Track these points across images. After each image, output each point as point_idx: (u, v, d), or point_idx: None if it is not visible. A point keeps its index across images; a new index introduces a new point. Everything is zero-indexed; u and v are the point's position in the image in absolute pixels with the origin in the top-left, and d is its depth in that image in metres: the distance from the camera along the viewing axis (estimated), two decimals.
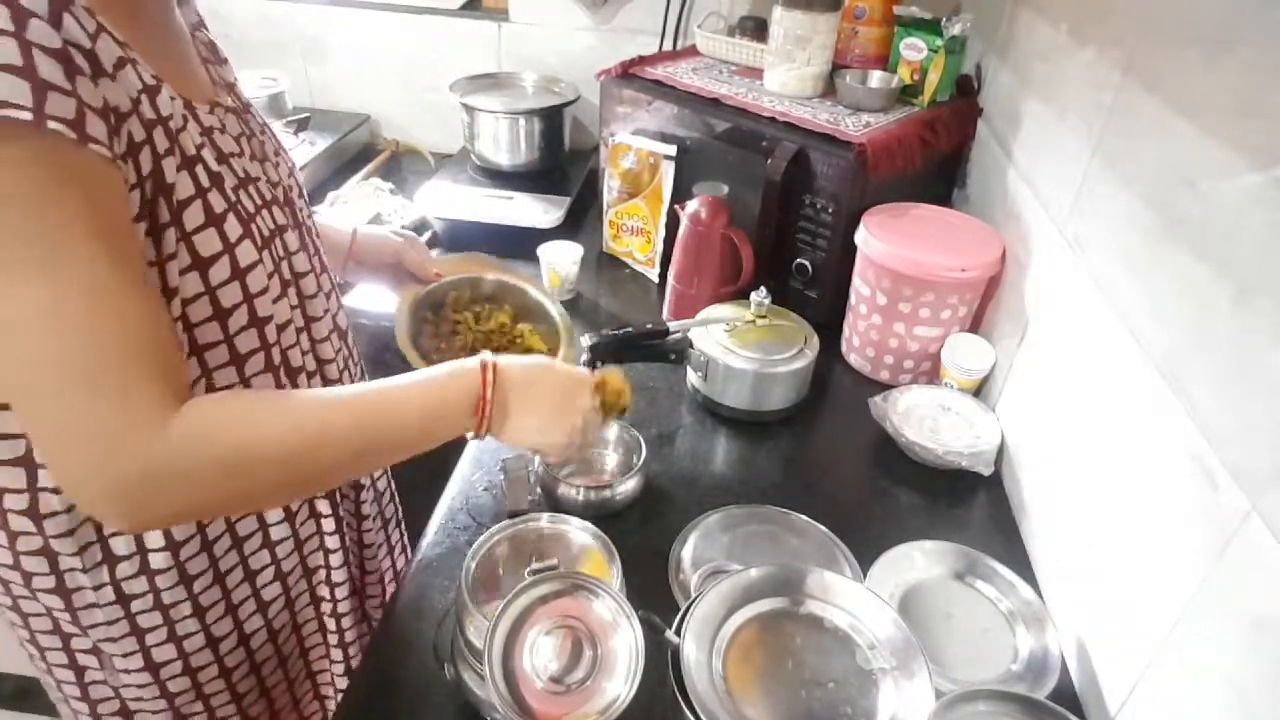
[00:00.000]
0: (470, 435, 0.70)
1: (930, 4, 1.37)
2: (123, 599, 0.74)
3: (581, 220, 1.66)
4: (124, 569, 0.73)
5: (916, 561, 0.90)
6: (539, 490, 0.98)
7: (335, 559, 0.88)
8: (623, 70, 1.47)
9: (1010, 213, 1.19)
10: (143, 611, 0.75)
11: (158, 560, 0.73)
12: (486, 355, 0.70)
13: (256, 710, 0.89)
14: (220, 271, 0.65)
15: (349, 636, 0.93)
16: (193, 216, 0.62)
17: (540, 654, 0.65)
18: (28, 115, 0.49)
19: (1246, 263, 0.63)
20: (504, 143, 1.69)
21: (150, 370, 0.56)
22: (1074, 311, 0.93)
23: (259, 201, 0.71)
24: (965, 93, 1.42)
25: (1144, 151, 0.82)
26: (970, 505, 1.04)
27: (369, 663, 0.82)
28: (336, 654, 0.94)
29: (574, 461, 1.01)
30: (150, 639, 0.77)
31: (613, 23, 1.79)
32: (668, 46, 1.75)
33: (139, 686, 0.79)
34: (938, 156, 1.36)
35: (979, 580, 0.89)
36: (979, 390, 1.17)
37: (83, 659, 0.78)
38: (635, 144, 1.42)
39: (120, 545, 0.72)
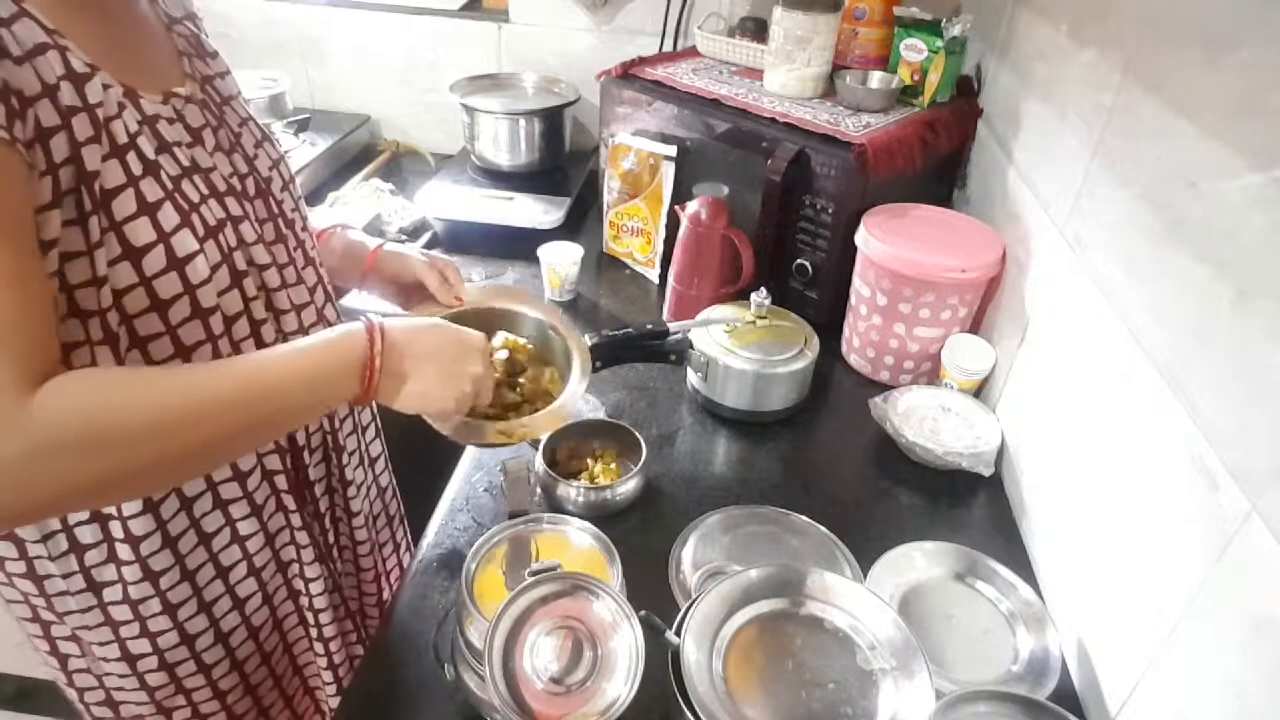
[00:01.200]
0: (353, 403, 0.69)
1: (930, 5, 1.37)
2: (94, 587, 0.74)
3: (582, 221, 1.66)
4: (91, 557, 0.72)
5: (917, 562, 0.90)
6: (539, 491, 0.98)
7: (307, 554, 0.87)
8: (623, 71, 1.47)
9: (1010, 213, 1.19)
10: (114, 603, 0.75)
11: (123, 551, 0.73)
12: (372, 317, 0.69)
13: (242, 707, 0.88)
14: (155, 261, 0.64)
15: (329, 631, 0.93)
16: (123, 205, 0.62)
17: (540, 655, 0.65)
18: None
19: (1247, 263, 0.63)
20: (504, 143, 1.69)
21: (7, 354, 0.53)
22: (1074, 312, 0.93)
23: (205, 191, 0.70)
24: (965, 93, 1.42)
25: (1144, 152, 0.82)
26: (970, 506, 1.04)
27: (369, 663, 0.82)
28: (319, 648, 0.94)
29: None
30: (124, 631, 0.77)
31: (613, 23, 1.79)
32: (668, 47, 1.75)
33: (120, 676, 0.80)
34: (938, 157, 1.36)
35: (979, 581, 0.89)
36: (979, 391, 1.17)
37: (64, 646, 0.79)
38: (635, 145, 1.42)
39: (86, 534, 0.71)
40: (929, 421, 1.11)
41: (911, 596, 0.87)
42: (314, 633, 0.93)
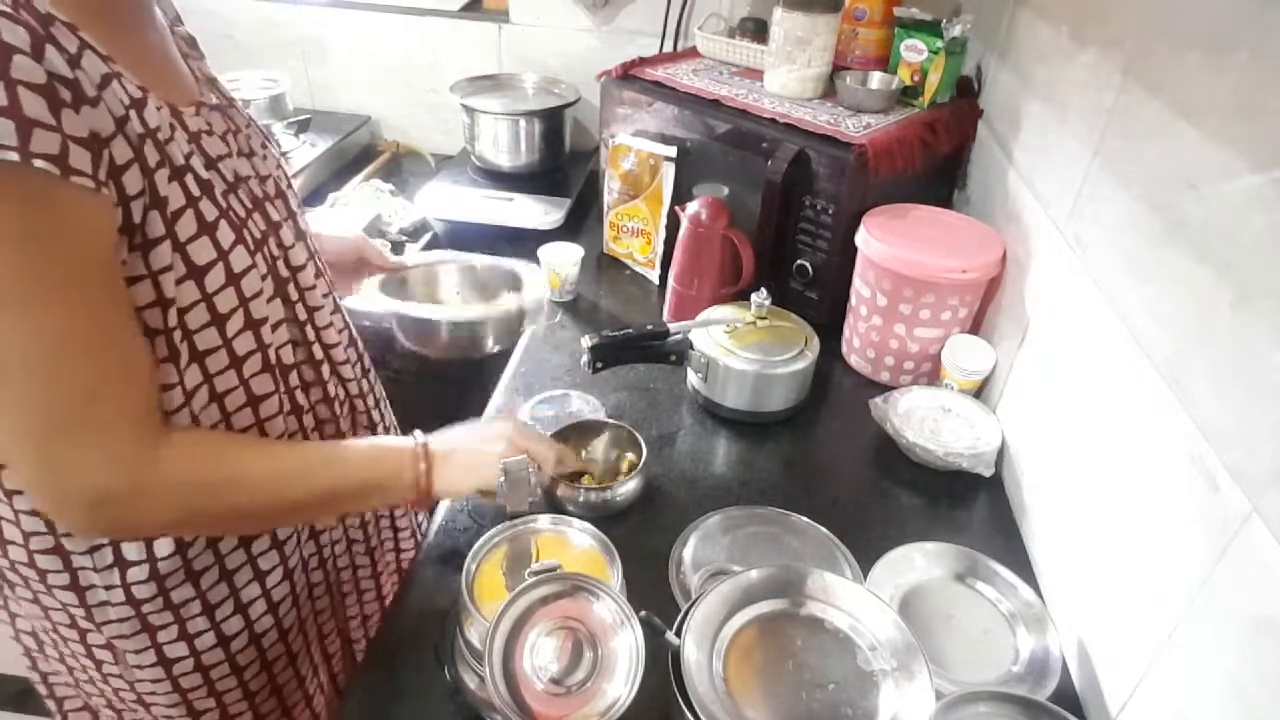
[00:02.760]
0: (412, 499, 0.79)
1: (930, 5, 1.37)
2: (134, 600, 0.74)
3: (582, 221, 1.66)
4: (135, 574, 0.73)
5: (917, 563, 0.90)
6: (539, 492, 0.98)
7: (339, 548, 0.90)
8: (623, 71, 1.47)
9: (1011, 214, 1.19)
10: (154, 612, 0.76)
11: (166, 565, 0.74)
12: (419, 436, 0.79)
13: (268, 707, 0.89)
14: (215, 278, 0.65)
15: (352, 611, 0.95)
16: (185, 227, 0.63)
17: (541, 655, 0.65)
18: (14, 156, 0.49)
19: (1247, 264, 0.63)
20: (504, 144, 1.69)
21: (119, 411, 0.60)
22: (1074, 313, 0.93)
23: (249, 204, 0.72)
24: (965, 94, 1.42)
25: (1145, 153, 0.82)
26: (971, 506, 1.04)
27: (369, 664, 0.82)
28: (329, 625, 0.95)
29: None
30: (162, 636, 0.77)
31: (613, 24, 1.79)
32: (668, 48, 1.75)
33: (152, 681, 0.80)
34: (938, 158, 1.36)
35: (980, 581, 0.89)
36: (979, 391, 1.17)
37: (99, 653, 0.79)
38: (636, 145, 1.42)
39: (131, 551, 0.72)
40: (929, 422, 1.11)
41: (912, 597, 0.87)
42: (326, 615, 0.94)
